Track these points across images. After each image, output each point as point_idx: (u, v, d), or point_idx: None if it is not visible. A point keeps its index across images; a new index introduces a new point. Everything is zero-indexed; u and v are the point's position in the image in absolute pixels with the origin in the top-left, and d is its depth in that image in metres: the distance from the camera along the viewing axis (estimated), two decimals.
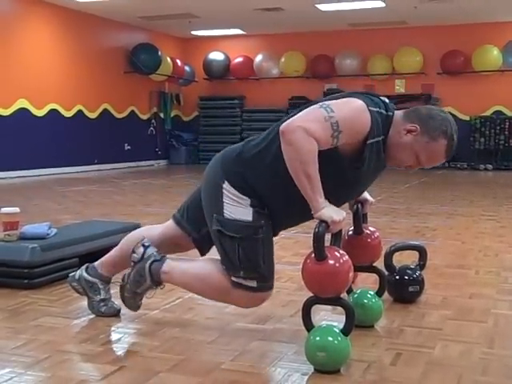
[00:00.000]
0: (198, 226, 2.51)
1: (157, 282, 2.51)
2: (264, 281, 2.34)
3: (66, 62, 11.56)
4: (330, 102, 2.19)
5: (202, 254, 2.60)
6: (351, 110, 2.17)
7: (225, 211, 2.30)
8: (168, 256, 2.55)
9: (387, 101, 2.34)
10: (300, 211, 2.26)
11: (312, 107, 2.19)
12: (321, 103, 2.18)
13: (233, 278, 2.33)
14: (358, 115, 2.17)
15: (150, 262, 2.49)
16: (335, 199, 2.21)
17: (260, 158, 2.30)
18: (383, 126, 2.25)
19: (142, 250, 2.53)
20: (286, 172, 2.16)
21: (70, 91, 11.62)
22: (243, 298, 2.35)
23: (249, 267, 2.30)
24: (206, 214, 2.40)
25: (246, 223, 2.28)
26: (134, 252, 2.54)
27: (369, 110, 2.19)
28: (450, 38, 12.98)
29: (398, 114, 2.32)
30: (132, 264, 2.54)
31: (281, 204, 2.32)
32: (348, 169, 2.23)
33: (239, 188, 2.30)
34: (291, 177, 2.15)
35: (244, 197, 2.29)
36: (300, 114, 2.18)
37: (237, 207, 2.29)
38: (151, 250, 2.52)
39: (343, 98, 2.25)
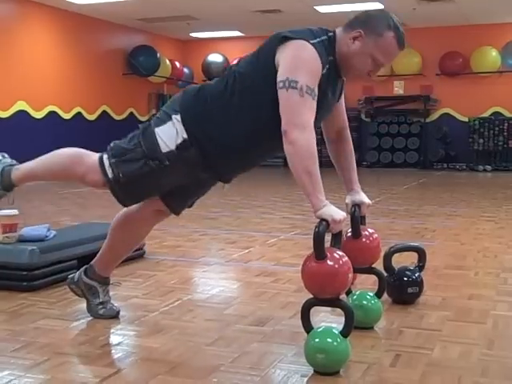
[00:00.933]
0: (184, 205, 2.59)
1: (7, 185, 2.57)
2: (117, 185, 2.38)
3: (64, 64, 11.56)
4: (285, 72, 2.19)
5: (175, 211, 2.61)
6: (304, 64, 2.20)
7: (158, 127, 2.35)
8: None
9: (325, 27, 2.38)
10: (254, 158, 2.42)
11: (284, 95, 2.18)
12: (283, 80, 2.18)
13: (104, 155, 2.40)
14: (311, 63, 2.21)
15: (5, 165, 2.56)
16: None
17: (217, 103, 2.33)
18: (329, 48, 2.30)
19: (0, 157, 2.59)
20: (245, 120, 2.26)
21: (68, 93, 11.62)
22: (89, 171, 2.42)
23: (123, 167, 2.35)
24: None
25: (159, 148, 2.32)
26: None
27: (312, 45, 2.22)
28: (449, 40, 13.00)
29: (338, 30, 2.37)
30: None
31: (233, 152, 2.34)
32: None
33: (186, 124, 2.33)
34: (243, 123, 2.27)
35: (185, 133, 2.32)
36: (284, 111, 2.18)
37: (170, 133, 2.33)
38: (9, 160, 2.60)
39: (289, 44, 2.23)
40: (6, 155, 2.63)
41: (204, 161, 2.36)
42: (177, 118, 2.35)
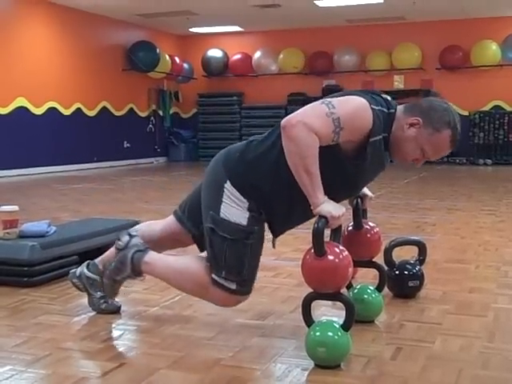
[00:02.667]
0: (198, 223, 2.51)
1: (137, 272, 2.53)
2: (243, 285, 2.35)
3: (64, 60, 11.54)
4: (331, 99, 2.20)
5: (201, 250, 2.61)
6: (353, 107, 2.18)
7: (221, 211, 2.31)
8: None
9: (389, 98, 2.34)
10: (302, 211, 2.28)
11: (314, 103, 2.19)
12: (322, 100, 2.19)
13: (214, 276, 2.34)
14: (359, 113, 2.17)
15: (133, 251, 2.52)
16: (335, 195, 2.21)
17: (263, 158, 2.30)
18: (385, 123, 2.25)
19: (127, 238, 2.57)
20: (289, 170, 2.16)
21: (68, 89, 11.61)
22: (219, 296, 2.37)
23: (232, 269, 2.32)
24: (203, 209, 2.40)
25: (239, 226, 2.29)
26: (119, 239, 2.57)
27: (371, 108, 2.19)
28: (449, 34, 12.97)
29: (400, 109, 2.33)
30: (116, 251, 2.56)
31: (283, 204, 2.32)
32: (349, 166, 2.23)
33: (241, 189, 2.30)
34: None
35: (243, 199, 2.29)
36: (301, 109, 2.17)
37: (234, 209, 2.30)
38: (136, 240, 2.56)
39: (345, 96, 2.26)
40: (134, 232, 2.60)
41: (266, 217, 2.35)
42: (228, 188, 2.31)
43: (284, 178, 2.22)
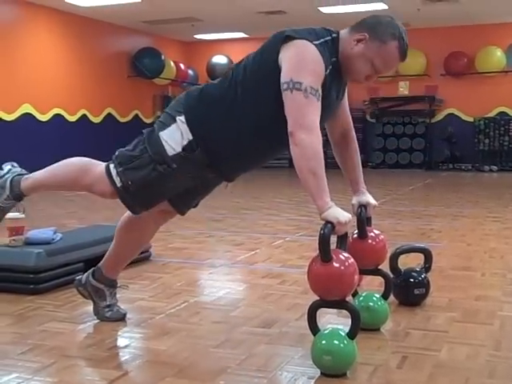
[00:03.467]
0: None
1: (16, 193, 2.54)
2: (126, 193, 2.39)
3: (69, 67, 11.59)
4: (289, 73, 2.18)
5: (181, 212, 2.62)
6: (307, 65, 2.20)
7: (163, 131, 2.35)
8: None
9: (329, 27, 2.38)
10: (253, 158, 2.42)
11: (289, 97, 2.18)
12: (287, 82, 2.18)
13: (110, 164, 2.40)
14: (314, 64, 2.21)
15: (14, 175, 2.56)
16: None
17: (217, 101, 2.34)
18: (332, 49, 2.29)
19: (9, 167, 2.61)
20: (242, 120, 2.27)
21: (73, 96, 11.66)
22: (97, 181, 2.43)
23: (129, 174, 2.36)
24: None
25: (164, 152, 2.33)
26: (1, 168, 2.61)
27: (314, 45, 2.22)
28: (454, 40, 12.98)
29: (344, 31, 2.37)
30: None
31: (231, 149, 2.35)
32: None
33: (190, 124, 2.33)
34: (246, 123, 2.27)
35: (189, 134, 2.32)
36: (290, 113, 2.18)
37: (173, 138, 2.33)
38: (18, 169, 2.61)
39: (292, 44, 2.23)
40: (16, 164, 2.65)
41: (209, 160, 2.36)
42: (181, 119, 2.35)
43: (241, 125, 2.29)
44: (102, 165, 2.45)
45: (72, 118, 11.65)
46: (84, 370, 2.20)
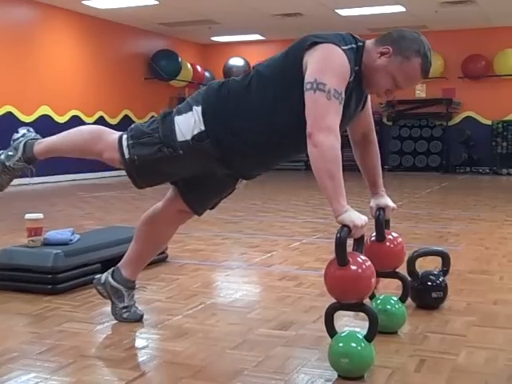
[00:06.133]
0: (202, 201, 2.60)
1: (28, 156, 2.57)
2: (132, 165, 2.41)
3: (87, 69, 11.66)
4: (314, 74, 2.17)
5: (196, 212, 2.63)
6: (333, 67, 2.19)
7: (178, 116, 2.37)
8: None
9: (355, 35, 2.36)
10: (271, 158, 2.42)
11: (311, 97, 2.16)
12: (311, 82, 2.17)
13: (123, 134, 2.44)
14: (340, 67, 2.20)
15: (28, 139, 2.59)
16: None
17: (238, 96, 2.34)
18: (356, 57, 2.28)
19: (24, 131, 2.63)
20: (258, 115, 2.27)
21: (91, 97, 11.73)
22: (108, 149, 2.45)
23: (138, 148, 2.39)
24: None
25: (172, 136, 2.34)
26: (16, 132, 2.62)
27: (344, 51, 2.21)
28: (471, 42, 12.90)
29: (370, 41, 2.35)
30: (11, 142, 2.61)
31: (248, 147, 2.34)
32: None
33: (206, 115, 2.33)
34: (263, 121, 2.27)
35: (202, 124, 2.32)
36: (310, 113, 2.16)
37: (185, 124, 2.34)
38: (33, 133, 2.62)
39: (319, 50, 2.22)
40: (31, 129, 2.67)
41: (221, 155, 2.36)
42: (197, 109, 2.36)
43: (258, 124, 2.30)
44: (115, 133, 2.50)
45: (89, 120, 11.71)
46: (102, 370, 2.20)
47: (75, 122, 11.31)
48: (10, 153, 2.58)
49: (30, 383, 2.02)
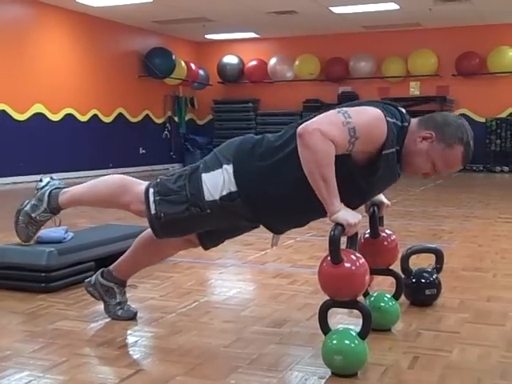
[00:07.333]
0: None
1: (53, 207, 2.57)
2: (158, 220, 2.36)
3: (81, 67, 11.63)
4: (347, 108, 2.19)
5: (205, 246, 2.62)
6: (369, 117, 2.16)
7: (206, 173, 2.31)
8: None
9: (404, 111, 2.33)
10: (302, 214, 2.34)
11: (329, 112, 2.18)
12: (338, 109, 2.18)
13: (150, 187, 2.39)
14: (375, 124, 2.16)
15: (52, 188, 2.58)
16: (347, 204, 2.19)
17: (271, 156, 2.29)
18: (398, 136, 2.23)
19: (48, 179, 2.63)
20: (294, 174, 2.17)
21: (85, 96, 11.70)
22: (134, 201, 2.42)
23: (164, 204, 2.34)
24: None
25: (200, 195, 2.29)
26: (40, 180, 2.63)
27: (386, 119, 2.18)
28: (465, 40, 12.92)
29: (413, 122, 2.31)
30: (35, 191, 2.62)
31: (281, 204, 2.29)
32: (360, 176, 2.22)
33: (237, 176, 2.28)
34: (299, 181, 2.15)
35: (234, 185, 2.27)
36: (317, 117, 2.17)
37: (214, 183, 2.29)
38: (57, 181, 2.62)
39: (361, 105, 2.24)
40: (55, 177, 2.68)
41: (251, 213, 2.32)
42: (227, 168, 2.29)
43: (285, 180, 2.23)
44: (141, 184, 2.45)
45: (83, 118, 11.69)
46: (95, 368, 2.20)
47: (69, 120, 11.29)
48: (36, 203, 2.59)
49: (23, 381, 2.02)
